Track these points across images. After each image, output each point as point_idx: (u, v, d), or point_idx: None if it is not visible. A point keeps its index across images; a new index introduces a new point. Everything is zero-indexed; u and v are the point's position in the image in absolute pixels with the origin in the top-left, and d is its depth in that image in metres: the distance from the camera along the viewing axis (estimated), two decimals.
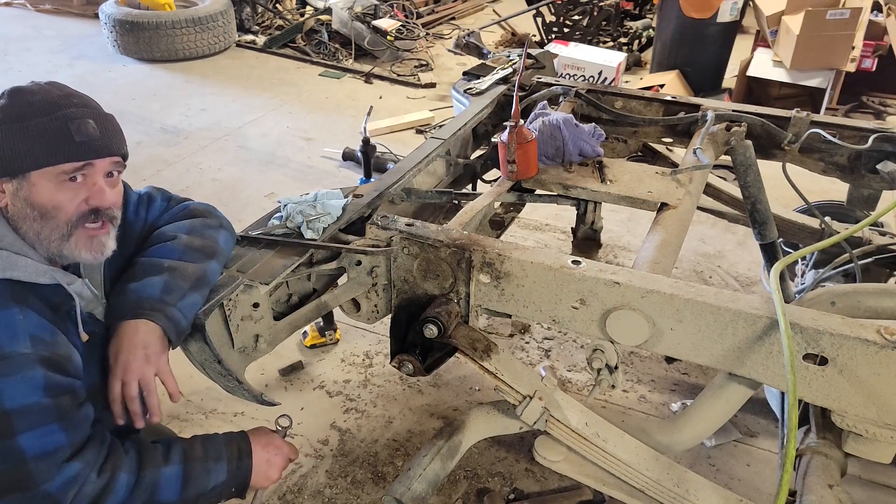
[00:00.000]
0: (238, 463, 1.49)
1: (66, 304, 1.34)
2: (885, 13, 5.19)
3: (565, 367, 2.82)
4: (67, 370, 1.28)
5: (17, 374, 1.20)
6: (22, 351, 1.21)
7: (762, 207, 2.27)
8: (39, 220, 1.30)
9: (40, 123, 1.27)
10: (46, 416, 1.22)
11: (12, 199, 1.30)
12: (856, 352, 1.45)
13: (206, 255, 1.55)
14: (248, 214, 3.43)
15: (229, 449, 1.50)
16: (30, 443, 1.21)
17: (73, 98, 1.33)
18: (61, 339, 1.29)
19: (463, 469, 2.33)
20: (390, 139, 4.68)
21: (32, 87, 1.32)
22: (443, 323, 1.71)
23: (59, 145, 1.28)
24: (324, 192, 1.90)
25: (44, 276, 1.30)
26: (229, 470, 1.47)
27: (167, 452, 1.40)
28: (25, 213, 1.30)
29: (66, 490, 1.24)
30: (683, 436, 1.85)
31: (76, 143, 1.29)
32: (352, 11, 6.30)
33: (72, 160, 1.29)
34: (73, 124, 1.29)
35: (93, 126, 1.31)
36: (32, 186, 1.28)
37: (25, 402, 1.20)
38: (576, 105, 2.64)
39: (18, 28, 6.86)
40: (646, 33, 6.51)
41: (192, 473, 1.40)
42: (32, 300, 1.27)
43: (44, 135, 1.27)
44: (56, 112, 1.29)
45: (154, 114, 5.12)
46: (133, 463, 1.34)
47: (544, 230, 3.77)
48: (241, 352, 1.70)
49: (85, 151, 1.30)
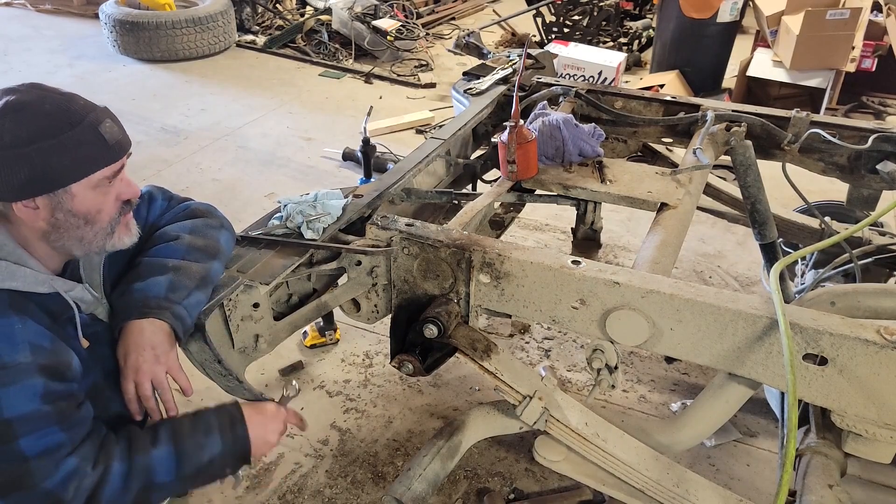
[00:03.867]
0: (233, 433, 1.46)
1: (66, 312, 1.34)
2: (885, 13, 5.19)
3: (565, 367, 2.82)
4: (66, 376, 1.28)
5: (17, 383, 1.20)
6: (21, 360, 1.21)
7: (762, 207, 2.27)
8: (84, 226, 1.32)
9: (73, 136, 1.25)
10: (46, 421, 1.23)
11: (52, 212, 1.28)
12: (856, 352, 1.45)
13: (208, 255, 1.56)
14: (248, 214, 3.43)
15: (220, 419, 1.46)
16: (30, 444, 1.21)
17: (78, 100, 1.32)
18: (60, 346, 1.29)
19: (463, 469, 2.33)
20: (390, 139, 4.68)
21: (32, 100, 1.26)
22: (443, 323, 1.71)
23: (97, 154, 1.29)
24: (324, 192, 1.90)
25: (42, 285, 1.30)
26: (224, 440, 1.44)
27: (155, 435, 1.39)
28: (69, 223, 1.30)
29: (67, 485, 1.24)
30: (683, 436, 1.85)
31: (110, 147, 1.30)
32: (352, 11, 6.30)
33: (110, 164, 1.31)
34: (102, 128, 1.29)
35: (112, 125, 1.32)
36: (74, 197, 1.28)
37: (25, 410, 1.20)
38: (576, 105, 2.64)
39: (18, 28, 6.85)
40: (646, 33, 6.51)
41: (183, 450, 1.38)
42: (31, 309, 1.27)
43: (80, 146, 1.26)
44: (82, 121, 1.27)
45: (154, 114, 5.12)
46: (124, 451, 1.34)
47: (544, 230, 3.77)
48: (241, 352, 1.71)
49: (117, 152, 1.33)
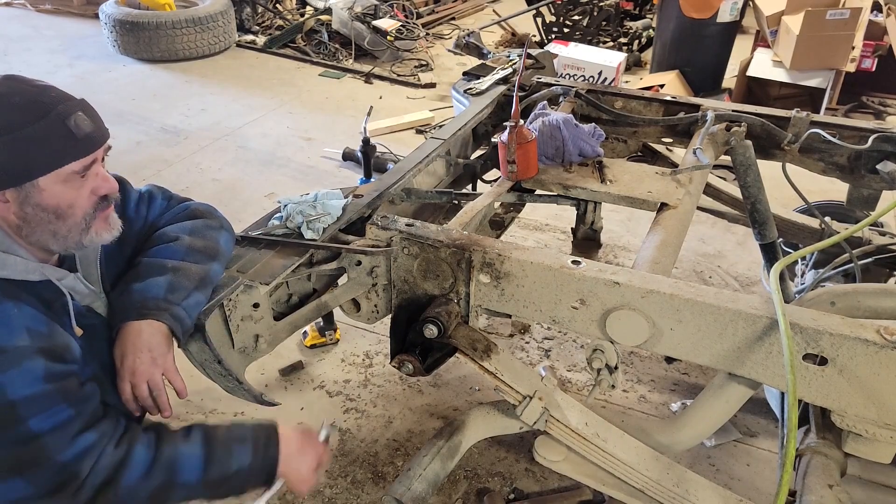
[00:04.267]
0: (265, 449, 1.44)
1: (59, 299, 1.34)
2: (885, 13, 5.19)
3: (565, 367, 2.82)
4: (66, 358, 1.27)
5: (18, 366, 1.19)
6: (20, 344, 1.20)
7: (762, 207, 2.27)
8: (55, 220, 1.29)
9: (39, 128, 1.23)
10: (52, 400, 1.22)
11: (20, 206, 1.26)
12: (855, 352, 1.45)
13: (208, 256, 1.55)
14: (248, 214, 3.43)
15: (256, 433, 1.45)
16: (39, 423, 1.20)
17: (50, 92, 1.29)
18: (57, 330, 1.28)
19: (463, 469, 2.33)
20: (390, 139, 4.68)
21: (3, 92, 1.23)
22: (443, 323, 1.71)
23: (65, 147, 1.26)
24: (324, 192, 1.90)
25: (33, 273, 1.29)
26: (255, 454, 1.42)
27: (187, 432, 1.38)
28: (38, 217, 1.28)
29: (82, 460, 1.23)
30: (683, 436, 1.85)
31: (79, 140, 1.27)
32: (352, 11, 6.30)
33: (79, 158, 1.27)
34: (70, 121, 1.26)
35: (84, 118, 1.29)
36: (42, 191, 1.26)
37: (28, 392, 1.20)
38: (576, 105, 2.64)
39: (18, 28, 6.85)
40: (646, 33, 6.51)
41: (214, 454, 1.36)
42: (25, 297, 1.27)
43: (46, 139, 1.24)
44: (49, 113, 1.24)
45: (154, 114, 5.11)
46: (151, 439, 1.32)
47: (544, 230, 3.77)
48: (242, 352, 1.71)
49: (88, 146, 1.29)
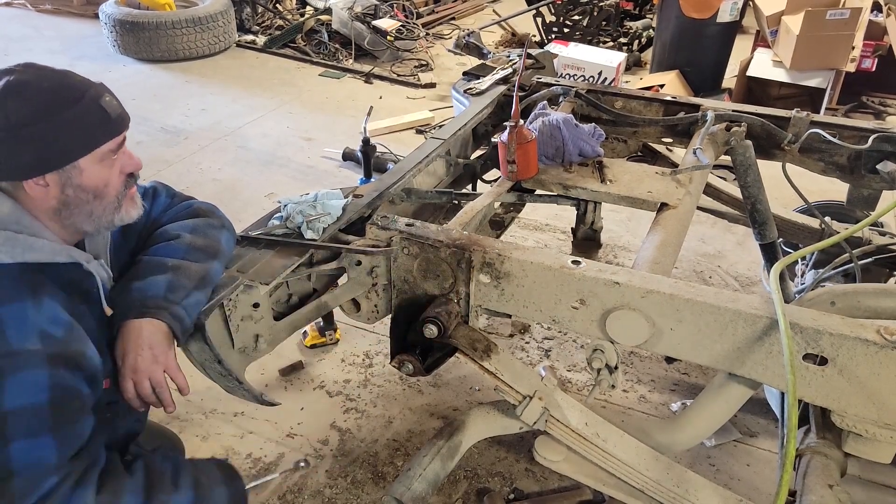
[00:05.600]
0: (234, 487, 1.50)
1: (85, 282, 1.35)
2: (885, 13, 5.19)
3: (565, 367, 2.82)
4: (80, 365, 1.25)
5: (23, 371, 1.18)
6: (30, 347, 1.19)
7: (762, 207, 2.27)
8: (93, 200, 1.33)
9: (78, 110, 1.28)
10: (42, 424, 1.19)
11: (61, 189, 1.30)
12: (856, 352, 1.45)
13: (209, 255, 1.56)
14: (248, 214, 3.41)
15: (222, 472, 1.50)
16: (20, 455, 1.17)
17: (74, 76, 1.35)
18: (75, 334, 1.27)
19: (463, 469, 2.33)
20: (390, 139, 4.68)
21: (31, 78, 1.28)
22: (443, 323, 1.71)
23: (102, 127, 1.31)
24: (324, 192, 1.90)
25: (61, 255, 1.31)
26: (229, 495, 1.47)
27: (176, 477, 1.39)
28: (79, 198, 1.31)
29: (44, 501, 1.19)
30: (683, 436, 1.85)
31: (112, 119, 1.33)
32: (352, 11, 6.30)
33: (113, 137, 1.33)
34: (103, 102, 1.32)
35: (112, 99, 1.35)
36: (82, 172, 1.30)
37: (26, 402, 1.17)
38: (576, 105, 2.64)
39: (18, 28, 6.85)
40: (646, 33, 6.51)
41: (203, 498, 1.40)
42: (48, 285, 1.27)
43: (84, 120, 1.28)
44: (84, 95, 1.30)
45: (154, 114, 5.12)
46: (139, 485, 1.32)
47: (544, 230, 3.77)
48: (242, 352, 1.71)
49: (119, 125, 1.35)
